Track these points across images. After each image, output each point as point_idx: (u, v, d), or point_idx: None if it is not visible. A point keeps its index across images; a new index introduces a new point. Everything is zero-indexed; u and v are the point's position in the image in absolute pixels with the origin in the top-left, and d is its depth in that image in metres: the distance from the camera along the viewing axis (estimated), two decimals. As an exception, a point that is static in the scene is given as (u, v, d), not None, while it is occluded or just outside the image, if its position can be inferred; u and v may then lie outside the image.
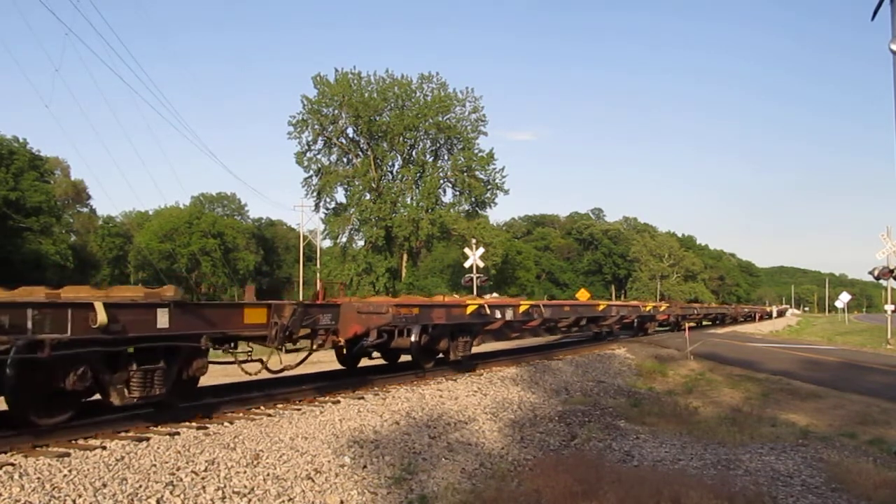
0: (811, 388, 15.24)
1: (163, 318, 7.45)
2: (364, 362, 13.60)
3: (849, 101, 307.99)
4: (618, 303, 34.46)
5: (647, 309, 30.70)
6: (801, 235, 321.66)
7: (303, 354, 10.11)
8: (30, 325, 6.24)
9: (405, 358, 13.93)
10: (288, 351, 9.58)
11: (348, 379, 11.95)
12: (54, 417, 7.02)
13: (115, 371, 7.29)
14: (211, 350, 8.32)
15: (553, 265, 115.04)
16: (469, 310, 14.19)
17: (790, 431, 10.40)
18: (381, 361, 14.02)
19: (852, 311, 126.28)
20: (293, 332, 9.21)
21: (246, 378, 9.54)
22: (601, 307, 24.47)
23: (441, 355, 13.89)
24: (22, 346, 6.12)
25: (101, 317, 6.69)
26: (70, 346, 6.58)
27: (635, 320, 28.40)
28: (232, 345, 8.79)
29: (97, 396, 7.50)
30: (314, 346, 10.00)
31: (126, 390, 7.36)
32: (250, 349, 9.07)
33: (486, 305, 14.89)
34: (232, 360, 8.86)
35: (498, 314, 15.31)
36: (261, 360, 9.09)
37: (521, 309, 16.56)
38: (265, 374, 9.37)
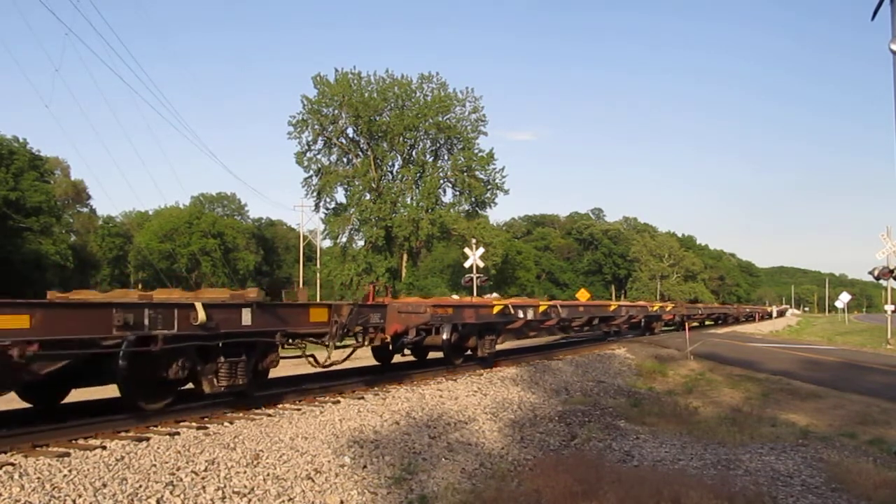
0: (811, 388, 15.23)
1: (246, 317, 8.59)
2: (396, 359, 14.58)
3: (849, 101, 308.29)
4: (627, 303, 35.40)
5: (654, 309, 31.53)
6: (801, 235, 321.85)
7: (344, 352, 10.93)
8: (146, 321, 7.35)
9: (433, 355, 14.90)
10: (337, 347, 10.43)
11: (389, 373, 13.05)
12: (157, 403, 8.05)
13: (206, 363, 8.33)
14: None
15: (553, 265, 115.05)
16: (495, 310, 15.25)
17: (790, 431, 10.40)
18: (411, 358, 15.05)
19: (852, 311, 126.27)
20: (350, 329, 10.40)
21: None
22: (612, 307, 25.81)
23: (469, 352, 14.77)
24: (134, 340, 7.14)
25: (201, 315, 7.87)
26: (175, 341, 7.66)
27: (643, 320, 29.20)
28: (293, 340, 9.74)
29: (189, 385, 8.55)
30: (365, 343, 11.06)
31: (215, 380, 8.44)
32: (303, 345, 10.01)
33: (510, 306, 15.93)
34: (294, 354, 9.93)
35: (521, 314, 16.38)
36: (313, 356, 10.13)
37: (541, 309, 17.83)
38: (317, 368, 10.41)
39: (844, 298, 72.15)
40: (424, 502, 6.48)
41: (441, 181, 62.31)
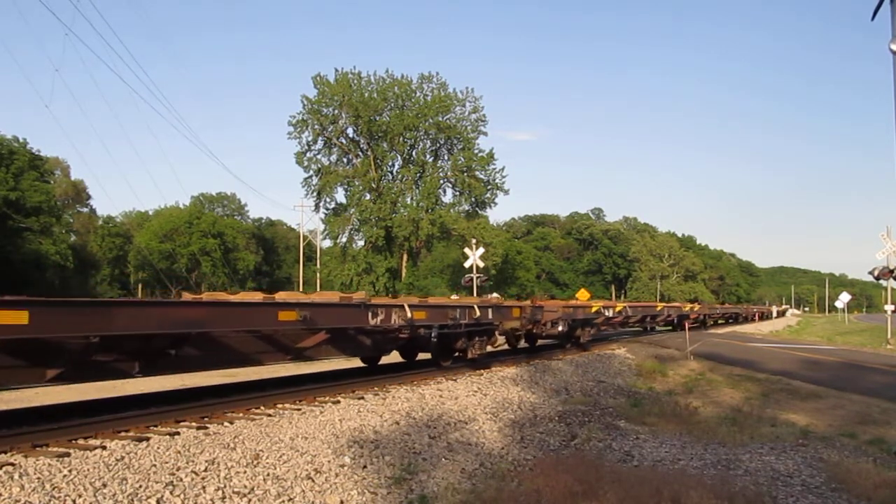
0: (811, 388, 15.23)
1: (487, 314, 14.34)
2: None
3: (849, 101, 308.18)
4: (666, 304, 43.47)
5: (686, 309, 39.23)
6: (801, 235, 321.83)
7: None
8: (457, 315, 13.08)
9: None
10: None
11: (529, 354, 18.05)
12: (447, 362, 13.77)
13: (470, 340, 14.12)
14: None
15: (553, 265, 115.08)
16: (593, 309, 21.89)
17: (790, 431, 10.40)
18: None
19: (852, 311, 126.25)
20: (534, 324, 17.05)
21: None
22: (658, 307, 34.50)
23: (573, 340, 20.51)
24: (441, 325, 12.69)
25: (477, 313, 13.84)
26: (462, 327, 13.46)
27: (675, 318, 35.11)
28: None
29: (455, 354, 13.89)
30: (533, 330, 17.56)
31: (472, 350, 14.14)
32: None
33: (602, 307, 22.41)
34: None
35: (607, 312, 22.96)
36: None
37: (617, 308, 24.93)
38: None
39: (844, 298, 72.16)
40: (424, 502, 6.47)
41: (441, 181, 62.36)
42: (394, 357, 14.07)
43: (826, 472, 7.75)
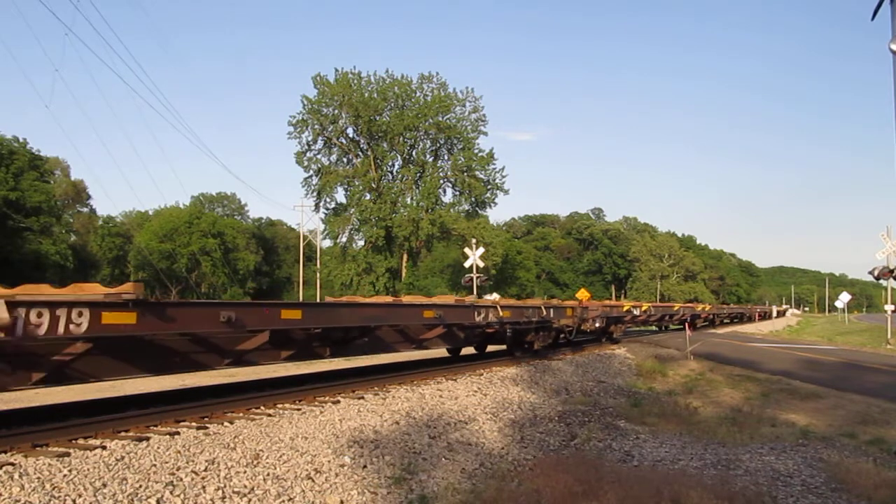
0: (811, 388, 15.23)
1: (549, 314, 16.54)
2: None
3: (849, 101, 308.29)
4: (682, 304, 47.82)
5: (698, 309, 44.32)
6: (801, 235, 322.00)
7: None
8: (529, 314, 15.48)
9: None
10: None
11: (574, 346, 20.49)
12: (519, 352, 16.23)
13: (538, 334, 16.45)
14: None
15: (553, 265, 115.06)
16: (625, 308, 26.33)
17: (790, 431, 10.40)
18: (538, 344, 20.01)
19: (852, 311, 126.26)
20: (582, 321, 19.26)
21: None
22: (676, 308, 39.25)
23: (608, 335, 23.94)
24: (516, 322, 14.98)
25: (543, 312, 16.08)
26: (533, 324, 15.79)
27: (689, 317, 37.60)
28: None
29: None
30: (582, 327, 19.82)
31: (537, 343, 16.55)
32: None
33: (631, 306, 26.75)
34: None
35: (635, 311, 26.92)
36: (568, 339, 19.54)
37: (643, 308, 28.73)
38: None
39: (844, 298, 72.14)
40: (424, 502, 6.47)
41: (441, 181, 62.39)
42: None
43: (826, 472, 7.74)
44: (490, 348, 17.25)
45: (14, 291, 6.51)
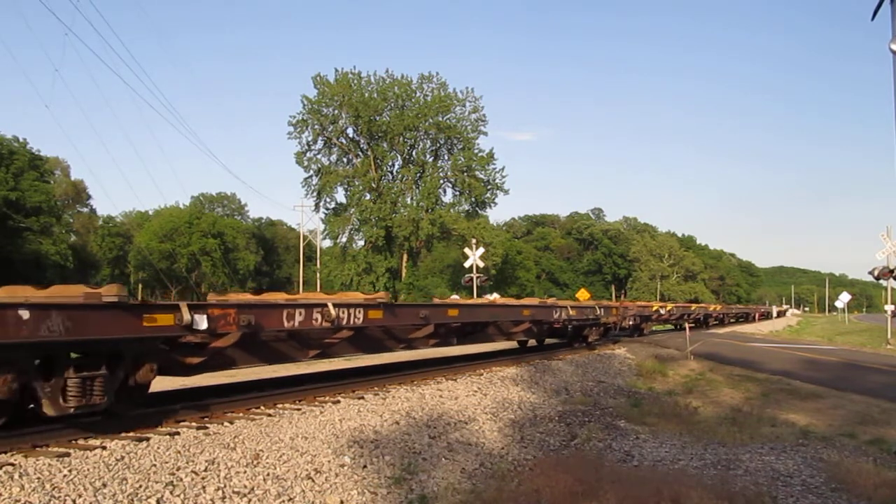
0: (811, 388, 15.23)
1: (601, 312, 19.77)
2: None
3: (849, 101, 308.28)
4: (699, 305, 53.99)
5: (711, 309, 51.35)
6: (801, 235, 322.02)
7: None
8: (587, 313, 19.06)
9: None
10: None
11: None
12: (577, 343, 19.82)
13: (590, 329, 19.75)
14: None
15: (553, 265, 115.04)
16: (654, 308, 30.99)
17: (790, 431, 10.40)
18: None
19: (852, 311, 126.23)
20: (623, 319, 22.87)
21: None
22: (693, 308, 44.78)
23: (639, 331, 28.12)
24: (577, 319, 18.43)
25: (597, 311, 19.70)
26: (589, 321, 19.23)
27: (702, 316, 44.18)
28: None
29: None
30: (623, 325, 24.33)
31: (591, 336, 19.86)
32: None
33: (659, 307, 31.53)
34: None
35: (661, 311, 31.38)
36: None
37: (668, 308, 33.84)
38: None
39: (844, 298, 72.18)
40: (424, 502, 6.48)
41: (441, 181, 62.37)
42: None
43: (826, 472, 7.74)
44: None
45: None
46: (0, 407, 6.34)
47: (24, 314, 5.90)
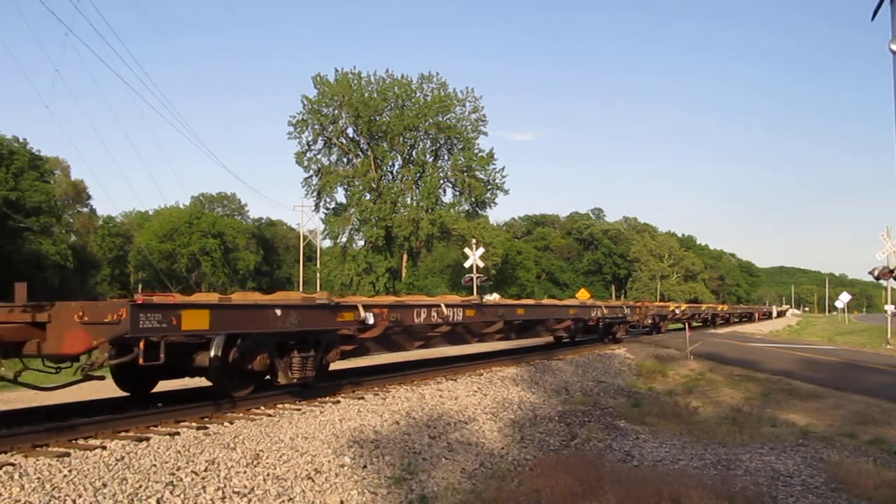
0: (811, 388, 15.23)
1: (628, 311, 23.72)
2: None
3: (849, 101, 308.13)
4: (707, 305, 60.01)
5: (719, 309, 55.72)
6: (801, 235, 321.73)
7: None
8: (617, 312, 22.78)
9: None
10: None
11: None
12: (607, 339, 22.94)
13: (619, 326, 23.38)
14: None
15: (553, 265, 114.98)
16: (670, 308, 33.95)
17: (790, 431, 10.40)
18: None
19: (852, 311, 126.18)
20: (644, 317, 25.73)
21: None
22: (703, 307, 48.88)
23: (657, 329, 31.32)
24: (609, 317, 21.83)
25: (625, 311, 23.51)
26: (618, 319, 22.87)
27: (710, 316, 47.01)
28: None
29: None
30: (644, 323, 27.03)
31: (619, 332, 23.44)
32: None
33: (675, 307, 34.89)
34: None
35: (676, 311, 34.05)
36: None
37: (682, 308, 36.53)
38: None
39: (844, 298, 72.15)
40: (424, 502, 6.48)
41: (441, 181, 62.32)
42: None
43: (826, 472, 7.75)
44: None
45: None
46: (256, 377, 9.16)
47: (278, 312, 8.63)
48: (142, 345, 7.03)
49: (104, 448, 6.51)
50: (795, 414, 12.26)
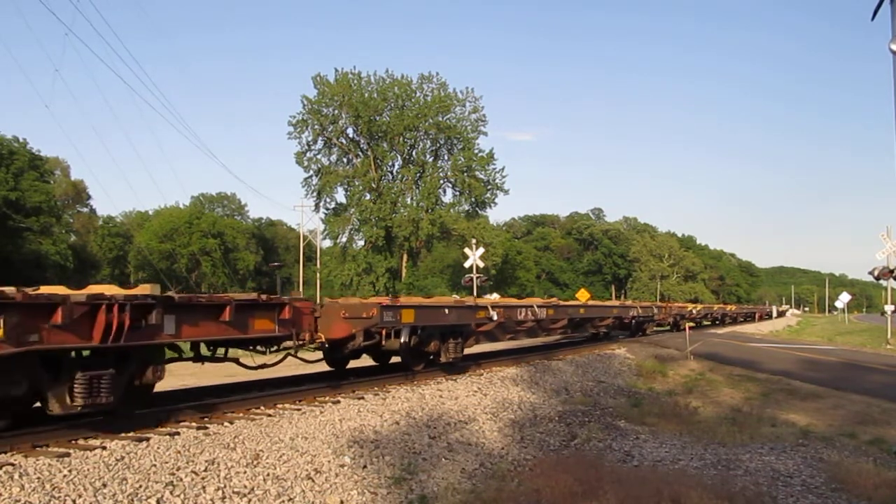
0: (811, 388, 15.23)
1: (656, 311, 28.49)
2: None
3: (849, 101, 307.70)
4: (720, 305, 64.57)
5: (728, 309, 59.50)
6: (801, 235, 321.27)
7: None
8: (647, 311, 27.38)
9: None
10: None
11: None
12: (638, 335, 26.40)
13: (649, 323, 28.21)
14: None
15: (553, 265, 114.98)
16: (688, 308, 38.22)
17: (790, 431, 10.40)
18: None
19: (852, 311, 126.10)
20: (667, 316, 31.88)
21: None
22: (715, 308, 54.73)
23: (677, 327, 32.91)
24: (641, 316, 26.28)
25: (654, 310, 27.96)
26: (649, 317, 27.68)
27: (720, 315, 51.42)
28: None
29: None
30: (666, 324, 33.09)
31: (649, 329, 28.14)
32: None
33: (691, 307, 38.40)
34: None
35: (693, 310, 37.01)
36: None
37: (698, 308, 41.55)
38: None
39: (844, 298, 72.13)
40: (424, 502, 6.48)
41: (441, 181, 62.30)
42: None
43: (826, 472, 7.75)
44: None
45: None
46: (425, 357, 12.69)
47: (446, 311, 12.53)
48: (383, 332, 10.86)
49: (104, 448, 6.52)
50: (795, 414, 12.26)
